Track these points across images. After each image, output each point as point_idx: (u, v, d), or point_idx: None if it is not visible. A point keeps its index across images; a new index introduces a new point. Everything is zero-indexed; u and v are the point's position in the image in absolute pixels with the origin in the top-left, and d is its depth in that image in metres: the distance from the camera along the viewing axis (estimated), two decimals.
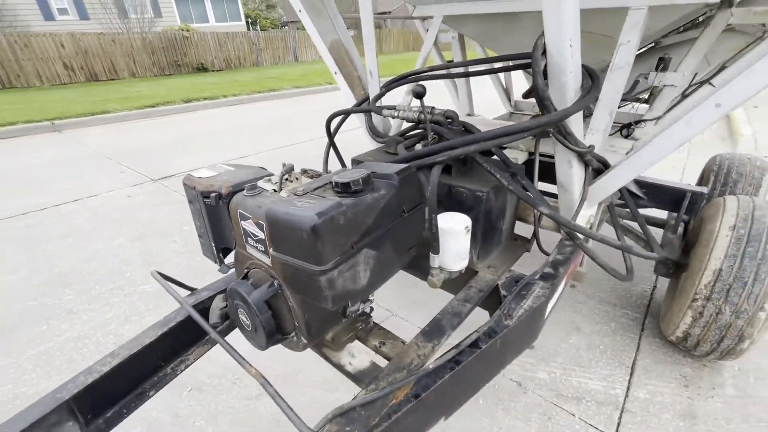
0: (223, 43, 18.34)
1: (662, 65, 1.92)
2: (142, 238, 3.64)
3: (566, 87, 1.17)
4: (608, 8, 1.56)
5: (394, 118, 1.42)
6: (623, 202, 2.85)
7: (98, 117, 9.24)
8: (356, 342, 1.12)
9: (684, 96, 1.98)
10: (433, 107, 1.45)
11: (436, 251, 1.15)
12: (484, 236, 1.31)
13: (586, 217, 1.63)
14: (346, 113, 1.61)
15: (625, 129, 2.19)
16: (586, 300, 2.71)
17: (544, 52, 1.14)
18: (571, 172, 1.36)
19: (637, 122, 2.13)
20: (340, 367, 1.00)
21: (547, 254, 1.57)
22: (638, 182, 2.79)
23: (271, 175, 0.97)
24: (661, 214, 2.89)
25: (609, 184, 1.41)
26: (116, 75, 16.08)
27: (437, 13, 2.07)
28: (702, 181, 2.99)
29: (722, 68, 1.85)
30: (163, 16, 21.13)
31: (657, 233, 2.60)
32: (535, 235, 1.55)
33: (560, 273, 1.39)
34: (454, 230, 1.15)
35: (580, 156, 1.29)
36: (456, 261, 1.21)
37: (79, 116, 9.14)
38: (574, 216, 1.40)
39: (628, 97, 2.14)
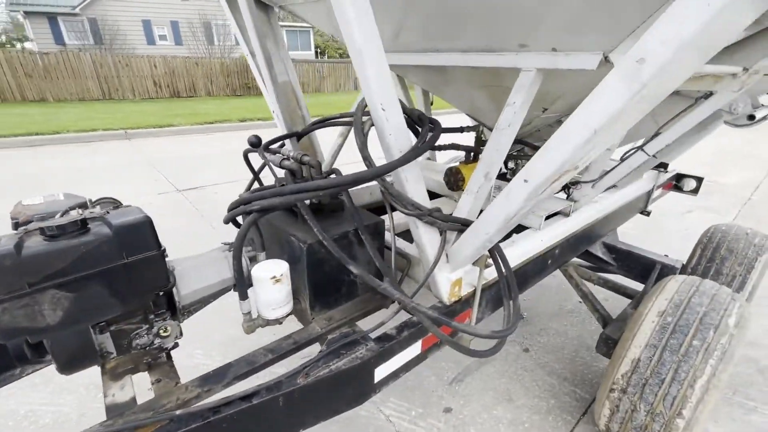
0: (304, 70, 20.01)
1: None
2: None
3: (389, 147, 1.16)
4: (501, 68, 1.52)
5: (264, 161, 1.48)
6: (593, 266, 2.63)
7: (164, 129, 10.43)
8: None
9: (622, 160, 1.81)
10: (304, 155, 1.49)
11: (241, 297, 1.17)
12: (315, 288, 1.29)
13: (468, 281, 1.54)
14: (251, 150, 1.70)
15: (566, 190, 2.04)
16: (534, 368, 2.48)
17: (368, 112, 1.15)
18: (418, 232, 1.31)
19: (575, 184, 1.97)
20: (105, 396, 1.04)
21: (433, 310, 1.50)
22: (608, 247, 2.54)
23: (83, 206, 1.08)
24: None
25: (465, 247, 1.33)
26: (195, 93, 18.10)
27: None
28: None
29: (656, 134, 1.68)
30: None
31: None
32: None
33: (401, 337, 1.32)
34: (260, 278, 1.16)
35: (418, 217, 1.24)
36: (268, 309, 1.21)
37: (150, 127, 10.40)
38: (424, 280, 1.33)
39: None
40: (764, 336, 2.82)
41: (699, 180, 3.36)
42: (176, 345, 1.20)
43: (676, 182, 3.50)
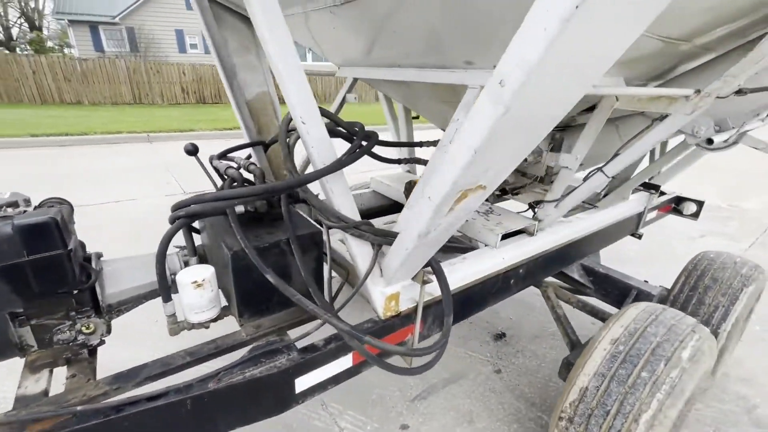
0: (311, 80, 20.44)
1: (552, 145, 1.76)
2: (136, 239, 4.20)
3: (314, 160, 1.18)
4: (455, 84, 1.52)
5: (202, 167, 1.53)
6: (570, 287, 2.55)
7: (185, 134, 10.84)
8: None
9: (584, 180, 1.77)
10: (251, 163, 1.53)
11: (163, 299, 1.20)
12: (243, 295, 1.31)
13: (411, 296, 1.52)
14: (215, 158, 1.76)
15: (532, 209, 2.00)
16: (503, 390, 2.41)
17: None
18: (349, 245, 1.31)
19: (538, 203, 1.93)
20: (18, 387, 1.08)
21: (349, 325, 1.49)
22: (586, 269, 2.46)
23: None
24: None
25: (393, 262, 1.32)
26: (220, 100, 18.75)
27: (349, 74, 2.17)
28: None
29: (615, 155, 1.62)
30: None
31: None
32: (332, 297, 1.49)
33: (326, 349, 1.32)
34: (181, 282, 1.19)
35: (343, 229, 1.25)
36: (192, 313, 1.24)
37: (171, 131, 10.84)
38: (353, 293, 1.33)
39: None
40: (762, 374, 2.65)
41: (699, 204, 3.22)
42: (102, 342, 1.24)
43: (676, 205, 3.37)
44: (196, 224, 1.55)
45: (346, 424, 2.12)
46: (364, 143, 1.31)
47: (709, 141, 1.52)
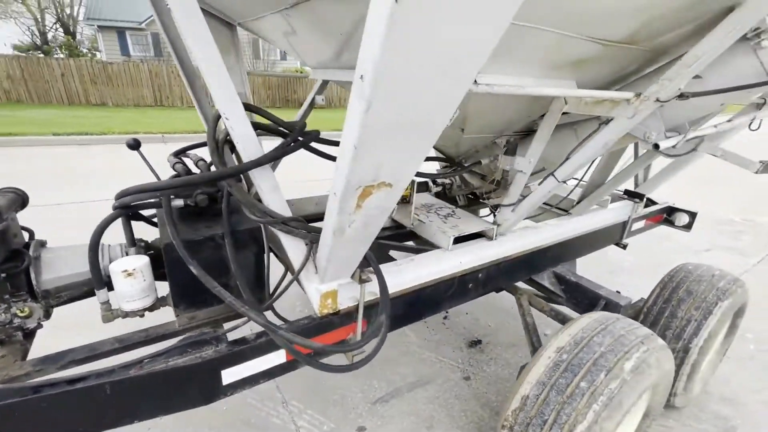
0: (329, 85, 20.73)
1: (506, 148, 1.74)
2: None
3: (241, 155, 1.21)
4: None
5: (145, 161, 1.58)
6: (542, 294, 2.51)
7: (198, 135, 11.16)
8: None
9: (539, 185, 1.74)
10: (201, 159, 1.58)
11: (96, 287, 1.25)
12: (177, 286, 1.34)
13: (350, 294, 1.53)
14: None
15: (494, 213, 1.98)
16: (469, 397, 2.37)
17: None
18: (281, 240, 1.33)
19: (496, 207, 1.91)
20: None
21: (285, 321, 1.51)
22: (558, 277, 2.41)
23: None
24: None
25: (321, 259, 1.33)
26: None
27: (319, 77, 2.21)
28: None
29: (566, 159, 1.59)
30: (287, 59, 24.86)
31: None
32: (273, 292, 1.50)
33: (256, 343, 1.33)
34: (113, 271, 1.23)
35: (270, 225, 1.27)
36: (123, 301, 1.28)
37: (185, 132, 11.18)
38: (283, 289, 1.35)
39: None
40: (747, 394, 2.52)
41: (692, 215, 3.11)
42: (39, 326, 1.29)
43: (668, 216, 3.26)
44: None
45: (303, 423, 2.13)
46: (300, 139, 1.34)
47: (655, 146, 1.48)
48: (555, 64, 1.36)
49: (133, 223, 1.38)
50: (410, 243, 2.47)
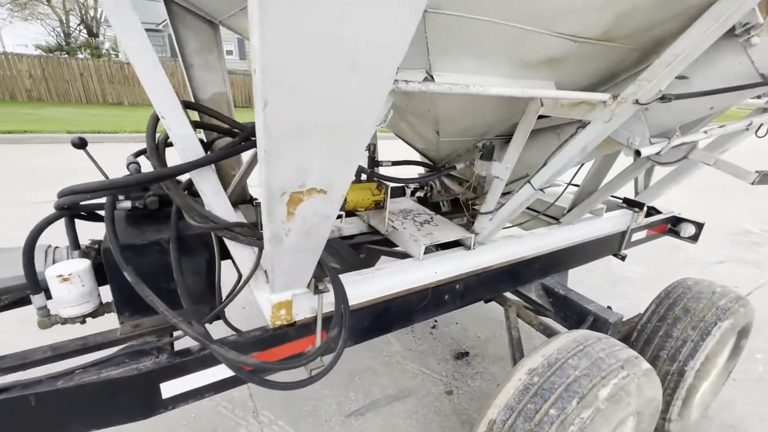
0: None
1: (482, 152, 1.63)
2: None
3: (180, 155, 1.14)
4: None
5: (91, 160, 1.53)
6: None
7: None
8: None
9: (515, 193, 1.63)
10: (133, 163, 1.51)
11: (31, 291, 1.19)
12: (119, 292, 1.28)
13: (308, 305, 1.44)
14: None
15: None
16: (449, 413, 2.26)
17: None
18: (229, 246, 1.26)
19: (474, 216, 1.80)
20: None
21: (237, 331, 1.43)
22: (546, 289, 2.27)
23: None
24: None
25: (267, 267, 1.25)
26: (249, 104, 19.44)
27: None
28: None
29: (544, 165, 1.47)
30: None
31: None
32: (220, 302, 1.43)
33: (200, 355, 1.26)
34: (48, 276, 1.18)
35: (212, 231, 1.19)
36: (60, 307, 1.22)
37: None
38: (233, 294, 1.27)
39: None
40: (753, 420, 2.34)
41: (699, 226, 2.93)
42: None
43: (673, 226, 3.09)
44: None
45: None
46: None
47: (637, 153, 1.35)
48: (526, 63, 1.26)
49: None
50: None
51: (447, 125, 1.62)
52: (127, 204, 1.33)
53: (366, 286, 1.57)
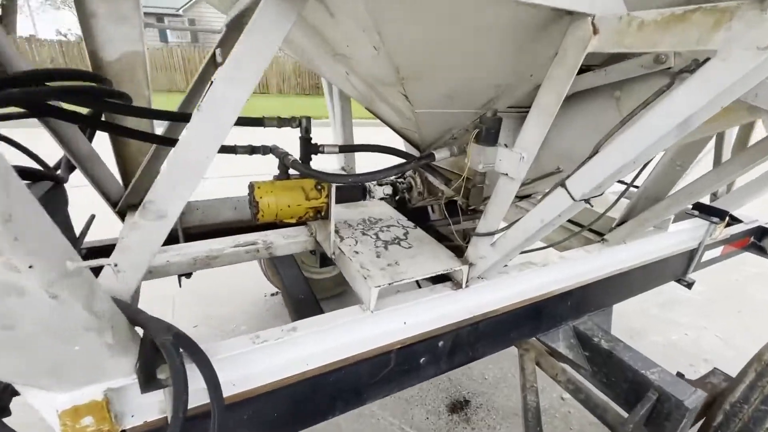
0: (309, 73, 20.12)
1: (479, 131, 0.93)
2: None
3: None
4: None
5: None
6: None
7: None
8: None
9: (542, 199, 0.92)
10: None
11: None
12: None
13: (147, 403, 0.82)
14: None
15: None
16: None
17: None
18: None
19: (466, 240, 1.11)
20: None
21: None
22: (581, 336, 1.56)
23: None
24: None
25: None
26: (267, 90, 19.05)
27: None
28: None
29: (593, 154, 0.76)
30: None
31: None
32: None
33: None
34: None
35: None
36: None
37: None
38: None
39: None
40: None
41: None
42: None
43: (757, 240, 2.29)
44: None
45: None
46: None
47: None
48: None
49: None
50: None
51: (416, 83, 0.93)
52: None
53: (271, 357, 0.93)
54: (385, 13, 0.71)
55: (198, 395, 0.78)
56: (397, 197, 1.49)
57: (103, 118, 1.39)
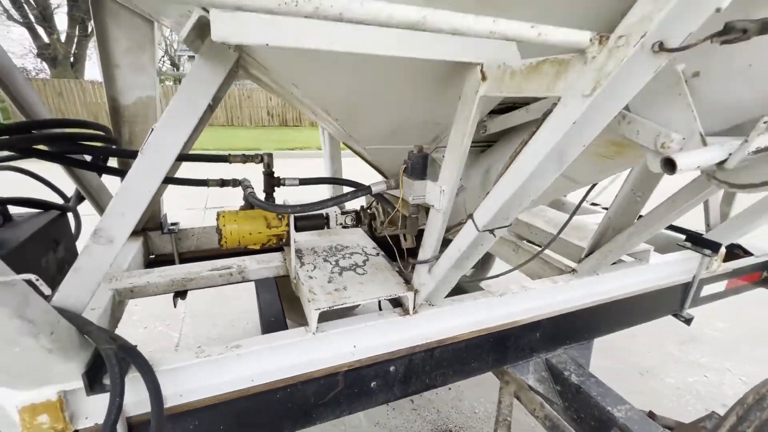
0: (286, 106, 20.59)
1: (408, 163, 1.01)
2: None
3: None
4: None
5: None
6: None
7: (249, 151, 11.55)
8: None
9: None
10: None
11: None
12: None
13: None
14: None
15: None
16: None
17: None
18: None
19: (411, 265, 1.17)
20: None
21: None
22: (553, 371, 1.52)
23: None
24: None
25: None
26: (300, 123, 20.01)
27: None
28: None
29: (489, 192, 0.81)
30: None
31: None
32: None
33: None
34: None
35: None
36: None
37: (238, 150, 11.65)
38: None
39: None
40: None
41: None
42: None
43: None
44: None
45: None
46: None
47: (667, 164, 0.63)
48: None
49: None
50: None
51: (352, 124, 1.03)
52: None
53: (217, 372, 1.01)
54: (294, 72, 0.83)
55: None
56: (360, 226, 1.57)
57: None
